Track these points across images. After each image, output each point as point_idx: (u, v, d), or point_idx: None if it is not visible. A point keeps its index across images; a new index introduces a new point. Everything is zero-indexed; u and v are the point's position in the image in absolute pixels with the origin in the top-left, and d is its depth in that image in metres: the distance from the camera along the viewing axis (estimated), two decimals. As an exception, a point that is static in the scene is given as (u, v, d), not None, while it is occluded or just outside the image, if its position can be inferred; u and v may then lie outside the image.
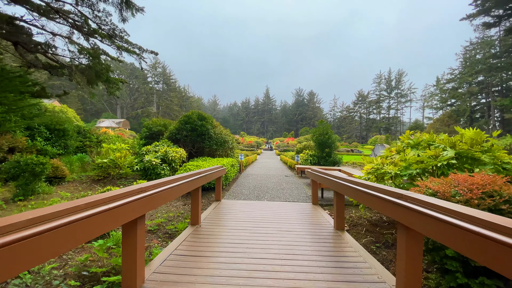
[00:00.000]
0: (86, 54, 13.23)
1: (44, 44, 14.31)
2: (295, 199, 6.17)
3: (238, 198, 6.13)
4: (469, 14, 31.17)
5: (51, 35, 14.48)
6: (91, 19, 14.78)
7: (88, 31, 14.83)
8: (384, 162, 4.33)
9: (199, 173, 3.94)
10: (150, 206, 2.20)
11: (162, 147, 8.47)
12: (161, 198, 2.40)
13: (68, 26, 14.77)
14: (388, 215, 2.11)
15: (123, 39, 14.92)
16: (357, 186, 2.78)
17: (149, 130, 11.12)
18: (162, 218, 4.74)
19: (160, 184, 2.50)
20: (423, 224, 1.62)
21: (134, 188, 2.07)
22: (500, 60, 38.23)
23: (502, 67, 37.63)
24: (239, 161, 11.12)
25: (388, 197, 2.08)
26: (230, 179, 7.99)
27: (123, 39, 14.92)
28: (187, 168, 6.78)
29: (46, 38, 13.96)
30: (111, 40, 15.29)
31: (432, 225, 1.51)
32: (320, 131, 10.66)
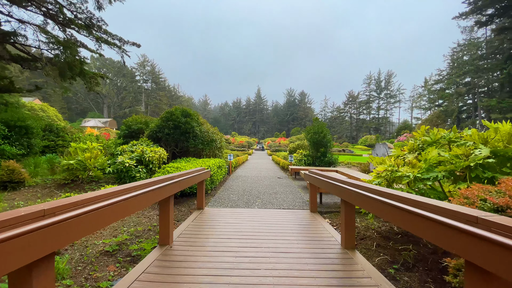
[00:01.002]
0: (57, 44, 12.02)
1: (12, 33, 12.95)
2: (291, 205, 5.38)
3: (225, 205, 5.27)
4: (461, 12, 31.54)
5: (19, 23, 13.14)
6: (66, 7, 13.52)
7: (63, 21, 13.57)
8: (399, 163, 3.60)
9: (170, 178, 3.07)
10: (63, 242, 1.31)
11: (140, 146, 7.50)
12: (88, 226, 1.50)
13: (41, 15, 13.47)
14: (450, 250, 1.33)
15: (102, 29, 13.76)
16: (383, 198, 1.99)
17: (128, 128, 10.10)
18: (127, 233, 3.83)
19: (94, 198, 1.63)
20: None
21: (35, 209, 1.19)
22: (486, 62, 39.02)
23: (488, 68, 38.40)
24: (228, 162, 10.25)
25: (449, 221, 1.30)
26: (217, 182, 7.12)
27: (102, 29, 13.76)
28: (166, 171, 5.87)
29: (13, 26, 12.59)
30: (88, 30, 14.10)
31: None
32: (315, 130, 9.95)
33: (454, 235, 1.28)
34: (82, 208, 1.44)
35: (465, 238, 1.22)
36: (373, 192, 2.24)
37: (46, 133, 11.29)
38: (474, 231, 1.17)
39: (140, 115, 11.49)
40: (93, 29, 14.00)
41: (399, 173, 3.30)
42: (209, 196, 6.07)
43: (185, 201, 5.56)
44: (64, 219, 1.29)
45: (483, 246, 1.13)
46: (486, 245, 1.11)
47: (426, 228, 1.48)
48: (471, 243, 1.19)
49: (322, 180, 3.82)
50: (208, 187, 6.01)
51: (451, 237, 1.31)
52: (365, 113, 77.73)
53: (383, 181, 3.64)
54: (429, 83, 59.00)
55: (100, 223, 1.62)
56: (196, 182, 4.20)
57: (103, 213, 1.63)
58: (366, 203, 2.35)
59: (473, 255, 1.19)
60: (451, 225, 1.28)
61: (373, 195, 2.16)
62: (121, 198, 1.89)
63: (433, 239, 1.45)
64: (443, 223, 1.33)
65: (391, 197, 1.93)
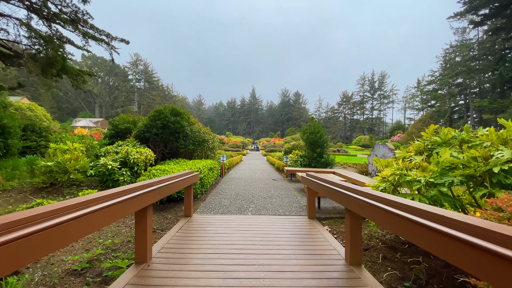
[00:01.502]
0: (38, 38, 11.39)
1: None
2: (287, 210, 4.98)
3: (216, 212, 4.84)
4: (456, 12, 31.84)
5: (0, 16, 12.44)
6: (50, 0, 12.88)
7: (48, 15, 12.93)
8: (407, 166, 3.25)
9: (148, 185, 2.64)
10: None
11: (125, 147, 7.01)
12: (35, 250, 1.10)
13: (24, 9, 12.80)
14: (492, 283, 0.96)
15: (88, 24, 13.14)
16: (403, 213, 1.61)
17: (115, 128, 9.57)
18: (102, 246, 3.37)
19: (49, 213, 1.20)
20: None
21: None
22: (478, 63, 39.54)
23: (480, 69, 38.91)
24: (220, 163, 9.81)
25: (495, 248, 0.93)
26: (208, 186, 6.68)
27: (88, 23, 13.13)
28: (151, 173, 5.41)
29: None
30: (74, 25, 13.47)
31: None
32: (311, 130, 9.59)
33: (495, 263, 0.91)
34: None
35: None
36: (387, 203, 1.86)
37: (28, 133, 10.64)
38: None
39: (128, 114, 10.95)
40: (79, 24, 13.37)
41: (409, 177, 2.94)
42: (199, 201, 5.62)
43: (172, 207, 5.11)
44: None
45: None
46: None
47: (462, 254, 1.10)
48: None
49: (322, 185, 3.43)
50: (197, 191, 5.57)
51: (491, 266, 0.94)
52: (359, 113, 78.25)
53: (390, 186, 3.28)
54: (421, 84, 59.64)
55: (48, 247, 1.23)
56: (182, 187, 3.76)
57: (54, 233, 1.24)
58: (378, 216, 1.97)
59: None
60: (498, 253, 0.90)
61: (389, 208, 1.78)
62: (83, 212, 1.47)
63: (467, 266, 1.07)
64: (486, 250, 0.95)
65: (415, 212, 1.54)
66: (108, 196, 1.99)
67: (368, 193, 2.31)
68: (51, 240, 1.26)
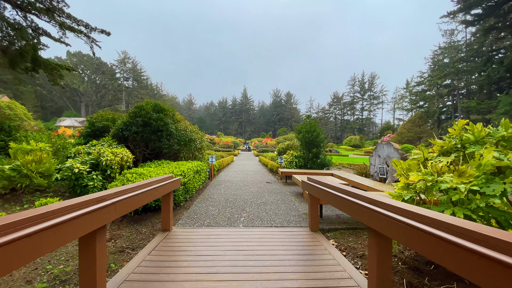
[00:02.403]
0: (7, 29, 10.31)
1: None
2: (284, 220, 4.29)
3: (201, 223, 4.09)
4: (449, 11, 32.27)
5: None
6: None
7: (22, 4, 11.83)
8: (438, 170, 2.61)
9: (100, 199, 1.88)
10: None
11: (99, 147, 6.15)
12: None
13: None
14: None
15: (64, 13, 12.06)
16: (479, 247, 0.94)
17: (92, 125, 8.64)
18: (48, 277, 2.57)
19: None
20: None
21: None
22: (466, 64, 40.29)
23: (468, 71, 39.66)
24: (209, 165, 9.04)
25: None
26: (194, 191, 5.90)
27: (64, 12, 12.05)
28: (125, 178, 4.60)
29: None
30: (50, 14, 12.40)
31: None
32: (307, 128, 8.96)
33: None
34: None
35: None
36: (438, 227, 1.19)
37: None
38: None
39: (107, 111, 10.01)
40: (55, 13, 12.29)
41: (445, 184, 2.30)
42: (182, 209, 4.84)
43: (149, 217, 4.32)
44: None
45: None
46: None
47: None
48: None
49: (332, 194, 2.75)
50: (180, 198, 4.79)
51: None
52: (349, 114, 78.93)
53: (411, 194, 2.64)
54: (410, 85, 60.58)
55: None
56: (155, 197, 3.00)
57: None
58: (428, 246, 1.30)
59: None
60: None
61: (449, 237, 1.11)
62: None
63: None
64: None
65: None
66: (25, 220, 1.26)
67: (403, 209, 1.64)
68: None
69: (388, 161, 5.97)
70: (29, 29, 13.93)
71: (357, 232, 3.87)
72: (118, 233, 3.77)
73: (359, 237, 3.73)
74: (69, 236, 1.54)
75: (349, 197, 2.28)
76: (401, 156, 5.54)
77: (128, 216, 4.33)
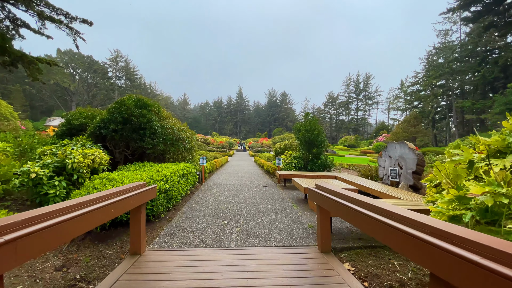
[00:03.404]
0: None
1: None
2: (286, 235, 3.53)
3: (183, 242, 3.29)
4: (449, 8, 32.16)
5: None
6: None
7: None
8: (504, 178, 1.88)
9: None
10: None
11: (70, 147, 5.28)
12: None
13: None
14: None
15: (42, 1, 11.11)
16: None
17: (68, 123, 7.72)
18: None
19: None
20: None
21: None
22: (461, 64, 40.33)
23: (462, 71, 39.70)
24: (200, 167, 8.22)
25: None
26: (179, 198, 5.07)
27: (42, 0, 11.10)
28: (93, 185, 3.77)
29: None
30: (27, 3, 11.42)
31: None
32: (307, 127, 8.22)
33: None
34: None
35: None
36: None
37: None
38: None
39: (87, 107, 9.09)
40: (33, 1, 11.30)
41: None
42: (163, 222, 4.03)
43: (118, 234, 3.49)
44: None
45: None
46: None
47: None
48: None
49: (352, 210, 1.99)
50: (159, 209, 3.98)
51: None
52: (344, 114, 78.92)
53: (478, 214, 1.90)
54: (405, 85, 60.68)
55: None
56: (116, 214, 2.20)
57: None
58: None
59: None
60: None
61: None
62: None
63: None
64: None
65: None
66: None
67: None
68: None
69: (401, 162, 5.26)
70: (7, 20, 12.87)
71: (376, 252, 3.13)
72: (74, 258, 2.94)
73: (380, 258, 2.99)
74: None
75: (394, 224, 1.52)
76: (417, 157, 4.84)
77: (93, 232, 3.50)
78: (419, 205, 3.51)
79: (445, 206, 2.16)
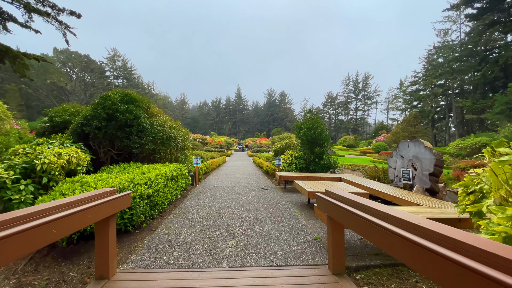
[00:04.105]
0: None
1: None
2: (290, 250, 2.97)
3: (165, 260, 2.72)
4: (453, 4, 31.81)
5: None
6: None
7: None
8: None
9: None
10: None
11: (45, 146, 4.71)
12: None
13: None
14: None
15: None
16: None
17: (50, 121, 7.13)
18: None
19: None
20: None
21: None
22: (460, 64, 39.96)
23: (463, 70, 39.33)
24: (194, 168, 7.65)
25: None
26: (166, 204, 4.48)
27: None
28: (61, 190, 3.19)
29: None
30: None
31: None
32: (309, 124, 7.67)
33: None
34: None
35: None
36: None
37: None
38: None
39: (73, 103, 8.49)
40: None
41: None
42: (144, 233, 3.45)
43: (88, 250, 2.92)
44: None
45: None
46: None
47: None
48: None
49: (383, 230, 1.43)
50: (140, 218, 3.40)
51: None
52: (344, 114, 78.55)
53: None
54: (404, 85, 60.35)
55: None
56: (62, 234, 1.63)
57: None
58: None
59: None
60: None
61: None
62: None
63: None
64: None
65: None
66: None
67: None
68: None
69: (416, 163, 4.72)
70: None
71: (399, 272, 2.58)
72: (28, 282, 2.37)
73: (405, 281, 2.44)
74: None
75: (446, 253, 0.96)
76: (435, 157, 4.30)
77: (58, 246, 2.93)
78: (448, 214, 2.97)
79: (504, 222, 1.61)
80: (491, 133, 24.42)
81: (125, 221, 3.17)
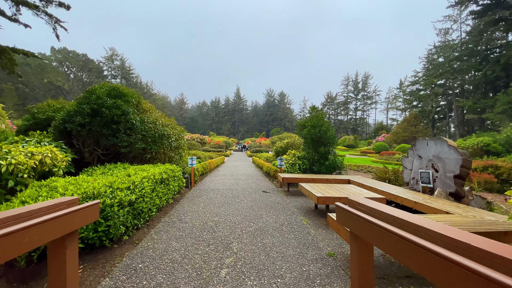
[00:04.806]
0: None
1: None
2: (299, 272, 2.42)
3: (146, 284, 2.17)
4: (457, 1, 31.39)
5: None
6: None
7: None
8: None
9: None
10: None
11: (18, 145, 4.14)
12: None
13: None
14: None
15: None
16: None
17: (33, 117, 6.56)
18: None
19: None
20: None
21: None
22: (461, 63, 39.56)
23: (463, 70, 38.94)
24: (189, 169, 7.09)
25: None
26: (154, 211, 3.92)
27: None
28: (22, 197, 2.64)
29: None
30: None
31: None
32: (313, 122, 7.14)
33: None
34: None
35: None
36: None
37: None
38: None
39: (59, 99, 7.92)
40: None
41: None
42: (124, 248, 2.89)
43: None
44: None
45: None
46: None
47: None
48: None
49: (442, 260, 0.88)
50: (119, 230, 2.84)
51: None
52: (343, 114, 78.18)
53: None
54: (404, 85, 59.99)
55: None
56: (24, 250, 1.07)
57: None
58: None
59: None
60: None
61: None
62: None
63: None
64: None
65: None
66: None
67: None
68: None
69: (437, 163, 4.19)
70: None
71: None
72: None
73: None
74: None
75: None
76: (462, 157, 3.77)
77: (17, 266, 2.38)
78: (489, 226, 2.44)
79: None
80: (493, 133, 23.97)
81: (100, 234, 2.62)
